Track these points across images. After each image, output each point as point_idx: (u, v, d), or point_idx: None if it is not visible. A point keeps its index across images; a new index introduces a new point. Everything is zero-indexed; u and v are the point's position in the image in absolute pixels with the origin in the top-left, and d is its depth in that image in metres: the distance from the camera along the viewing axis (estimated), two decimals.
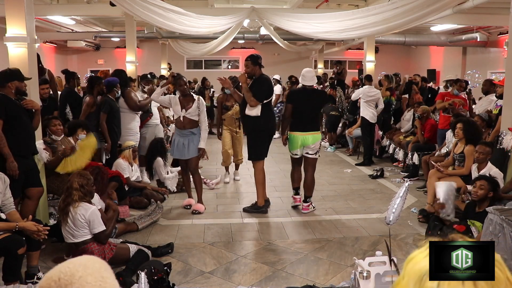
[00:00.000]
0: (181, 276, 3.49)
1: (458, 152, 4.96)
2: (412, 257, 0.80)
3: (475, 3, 6.29)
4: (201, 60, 16.73)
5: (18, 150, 3.74)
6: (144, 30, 10.69)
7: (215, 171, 7.01)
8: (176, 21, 6.48)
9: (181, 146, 5.04)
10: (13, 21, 4.21)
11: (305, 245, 4.14)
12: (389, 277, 2.49)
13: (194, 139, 5.04)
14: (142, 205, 5.16)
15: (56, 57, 14.86)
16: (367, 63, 9.67)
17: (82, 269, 0.89)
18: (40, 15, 7.90)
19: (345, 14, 6.29)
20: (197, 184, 5.22)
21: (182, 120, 5.01)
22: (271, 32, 8.73)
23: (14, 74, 3.82)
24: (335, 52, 15.27)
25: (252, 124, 4.97)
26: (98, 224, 3.47)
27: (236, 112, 5.99)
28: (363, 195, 5.91)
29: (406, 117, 7.67)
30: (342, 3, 8.62)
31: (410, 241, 4.23)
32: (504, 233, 3.14)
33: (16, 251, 3.03)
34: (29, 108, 3.93)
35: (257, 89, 4.88)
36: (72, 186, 3.46)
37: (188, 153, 5.03)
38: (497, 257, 0.74)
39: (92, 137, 4.70)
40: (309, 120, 4.98)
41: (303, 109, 4.94)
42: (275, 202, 5.53)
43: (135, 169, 5.62)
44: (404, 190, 2.66)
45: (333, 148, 9.26)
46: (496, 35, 10.73)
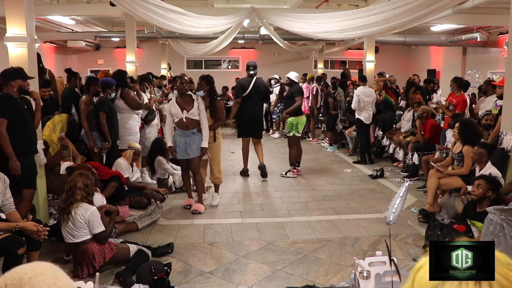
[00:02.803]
0: (181, 276, 3.49)
1: (456, 152, 4.97)
2: (421, 265, 0.78)
3: (475, 3, 6.28)
4: (201, 60, 16.72)
5: (20, 149, 3.75)
6: (144, 30, 10.69)
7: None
8: (176, 21, 6.48)
9: (183, 146, 5.05)
10: (13, 21, 4.21)
11: (305, 245, 4.14)
12: (389, 277, 2.49)
13: (195, 139, 5.05)
14: (142, 205, 5.15)
15: (56, 57, 14.86)
16: (367, 63, 9.67)
17: (30, 270, 0.84)
18: (40, 15, 7.89)
19: (345, 14, 6.28)
20: (198, 184, 5.23)
21: (185, 121, 5.02)
22: (271, 32, 8.73)
23: (18, 72, 3.82)
24: (335, 52, 15.26)
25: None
26: (97, 224, 3.47)
27: (208, 119, 5.20)
28: (363, 195, 5.91)
29: (406, 117, 7.67)
30: (342, 3, 8.62)
31: (410, 241, 4.23)
32: (504, 233, 3.14)
33: (16, 251, 3.03)
34: (35, 97, 3.93)
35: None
36: (76, 186, 3.46)
37: (190, 153, 5.05)
38: (507, 259, 0.73)
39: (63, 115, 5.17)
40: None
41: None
42: (275, 202, 5.54)
43: (135, 170, 5.62)
44: (404, 190, 2.66)
45: (333, 148, 9.27)
46: (496, 35, 10.73)
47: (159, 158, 5.94)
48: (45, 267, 0.87)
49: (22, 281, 0.82)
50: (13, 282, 0.82)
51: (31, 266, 0.87)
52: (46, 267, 0.87)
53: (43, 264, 0.89)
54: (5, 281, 0.83)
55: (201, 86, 5.29)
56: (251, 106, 6.63)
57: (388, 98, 8.19)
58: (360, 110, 7.75)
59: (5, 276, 0.84)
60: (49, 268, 0.87)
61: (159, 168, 6.00)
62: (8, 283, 0.82)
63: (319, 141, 10.25)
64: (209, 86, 5.29)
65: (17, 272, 0.84)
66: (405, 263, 3.70)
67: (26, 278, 0.82)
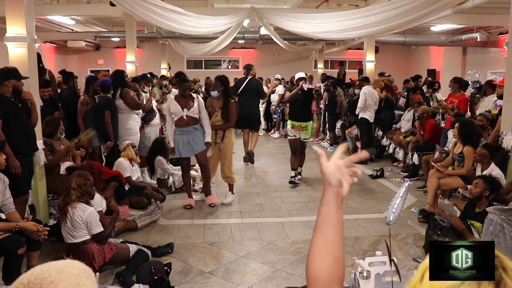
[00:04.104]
0: (181, 276, 3.49)
1: (457, 153, 4.97)
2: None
3: (475, 3, 6.28)
4: (201, 60, 16.73)
5: (19, 148, 3.75)
6: (144, 30, 10.69)
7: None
8: (176, 21, 6.48)
9: (186, 144, 5.07)
10: (13, 21, 4.21)
11: (305, 245, 4.13)
12: (389, 277, 2.49)
13: (198, 134, 5.12)
14: (142, 205, 5.16)
15: (56, 57, 14.87)
16: (367, 63, 9.67)
17: (55, 273, 0.82)
18: (40, 15, 7.90)
19: (345, 14, 6.29)
20: (207, 178, 5.31)
21: (185, 118, 5.05)
22: (271, 32, 8.73)
23: (12, 72, 3.82)
24: (335, 52, 15.27)
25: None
26: (96, 225, 3.46)
27: (218, 120, 5.31)
28: (363, 195, 5.91)
29: (406, 117, 7.68)
30: (342, 3, 8.62)
31: (410, 241, 4.23)
32: (504, 233, 3.14)
33: (16, 251, 3.03)
34: (26, 97, 3.91)
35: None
36: (70, 186, 3.47)
37: (196, 148, 5.10)
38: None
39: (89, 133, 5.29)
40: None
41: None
42: (275, 202, 5.53)
43: (136, 169, 5.62)
44: (404, 190, 2.65)
45: (333, 148, 9.26)
46: (496, 35, 10.73)
47: (159, 158, 5.94)
48: (72, 273, 0.84)
49: (43, 282, 0.81)
50: (35, 281, 0.81)
51: (60, 268, 0.84)
52: (72, 273, 0.84)
53: (73, 268, 0.86)
54: (29, 278, 0.82)
55: (216, 86, 5.39)
56: (244, 102, 7.48)
57: (389, 96, 8.20)
58: (365, 109, 7.73)
59: (32, 272, 0.84)
60: (74, 275, 0.84)
61: (159, 168, 6.00)
62: (31, 281, 0.81)
63: (319, 141, 10.25)
64: (224, 86, 5.34)
65: (43, 271, 0.83)
66: (405, 263, 3.71)
67: (48, 280, 0.81)
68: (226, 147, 5.39)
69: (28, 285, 0.81)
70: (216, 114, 5.32)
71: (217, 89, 5.35)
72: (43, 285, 0.81)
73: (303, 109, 6.29)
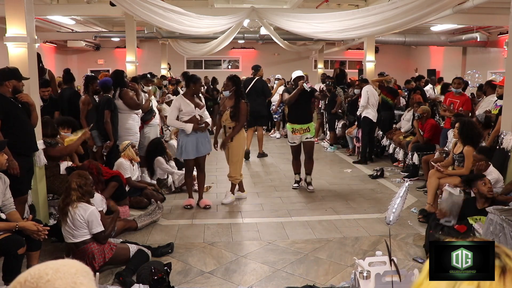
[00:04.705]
0: (181, 276, 3.49)
1: (457, 153, 4.97)
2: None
3: (475, 3, 6.28)
4: (201, 60, 16.74)
5: (18, 148, 3.74)
6: (144, 30, 10.70)
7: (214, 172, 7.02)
8: (176, 21, 6.49)
9: (194, 146, 5.11)
10: (13, 21, 4.21)
11: (305, 245, 4.14)
12: (389, 277, 2.49)
13: (206, 136, 5.21)
14: (142, 205, 5.16)
15: (56, 57, 14.88)
16: (367, 63, 9.67)
17: (52, 272, 0.82)
18: (40, 15, 7.90)
19: (345, 14, 6.29)
20: (202, 182, 5.40)
21: (198, 117, 5.12)
22: (271, 32, 8.73)
23: (13, 73, 3.82)
24: (335, 52, 15.28)
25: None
26: (97, 224, 3.46)
27: (227, 119, 5.33)
28: (363, 195, 5.91)
29: (406, 117, 7.67)
30: (342, 3, 8.62)
31: (410, 241, 4.23)
32: (504, 233, 3.15)
33: (16, 251, 3.03)
34: (24, 100, 3.90)
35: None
36: (71, 186, 3.47)
37: (204, 150, 5.21)
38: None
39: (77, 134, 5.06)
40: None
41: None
42: (275, 202, 5.53)
43: (136, 168, 5.63)
44: (404, 190, 2.66)
45: (333, 148, 9.27)
46: (496, 35, 10.74)
47: (158, 158, 5.93)
48: (69, 272, 0.84)
49: (39, 281, 0.81)
50: (31, 280, 0.81)
51: (57, 267, 0.84)
52: (70, 272, 0.84)
53: (71, 267, 0.85)
54: (26, 277, 0.82)
55: (227, 86, 5.37)
56: (251, 101, 7.14)
57: (384, 97, 8.18)
58: (368, 108, 7.71)
59: (29, 271, 0.84)
60: (71, 274, 0.84)
61: (158, 169, 5.99)
62: (28, 280, 0.81)
63: (319, 141, 10.26)
64: (235, 86, 5.34)
65: (40, 270, 0.83)
66: (405, 263, 3.71)
67: (44, 279, 0.81)
68: (234, 147, 5.35)
69: (25, 284, 0.81)
70: (226, 113, 5.31)
71: (228, 89, 5.34)
72: (39, 284, 0.81)
73: (304, 110, 5.94)
